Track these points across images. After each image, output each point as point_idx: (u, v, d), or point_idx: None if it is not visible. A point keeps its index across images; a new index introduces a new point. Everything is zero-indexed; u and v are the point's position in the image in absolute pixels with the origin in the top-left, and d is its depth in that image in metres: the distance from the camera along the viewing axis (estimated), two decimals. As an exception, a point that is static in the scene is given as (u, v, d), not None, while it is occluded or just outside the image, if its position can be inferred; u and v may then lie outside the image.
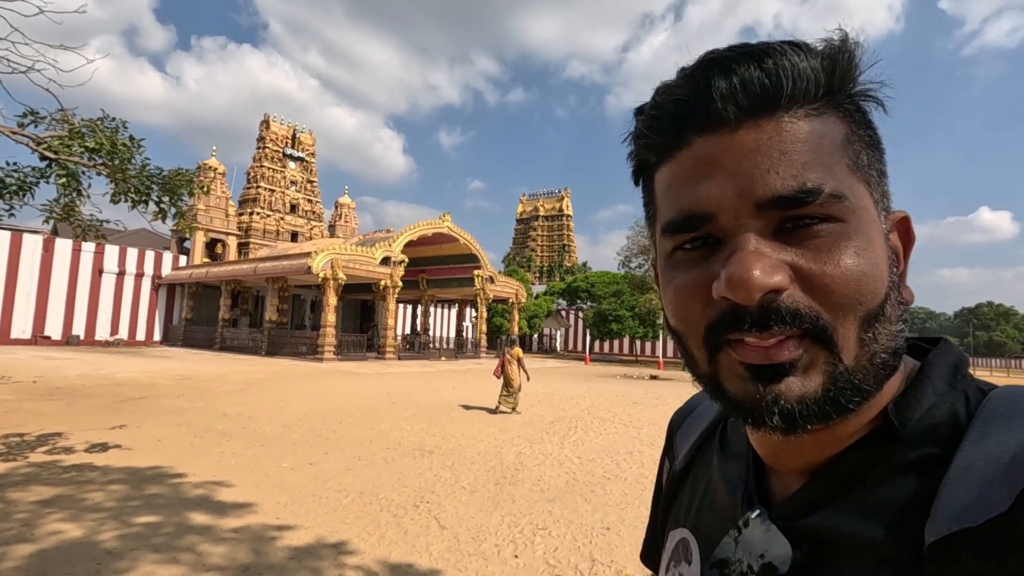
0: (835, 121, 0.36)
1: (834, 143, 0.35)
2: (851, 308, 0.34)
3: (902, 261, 0.40)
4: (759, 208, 0.34)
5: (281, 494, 4.76)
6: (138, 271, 31.32)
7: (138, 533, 3.70)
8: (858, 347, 0.34)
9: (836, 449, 0.38)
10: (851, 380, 0.35)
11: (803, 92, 0.35)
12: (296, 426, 8.06)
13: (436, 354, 30.65)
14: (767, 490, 0.43)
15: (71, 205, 4.80)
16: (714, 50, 0.37)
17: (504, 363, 10.42)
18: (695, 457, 0.54)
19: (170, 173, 4.79)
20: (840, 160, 0.35)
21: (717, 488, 0.47)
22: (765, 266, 0.34)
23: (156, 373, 15.54)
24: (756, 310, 0.34)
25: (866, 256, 0.34)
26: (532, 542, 3.88)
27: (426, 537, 3.90)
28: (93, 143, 4.27)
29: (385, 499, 4.75)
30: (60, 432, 6.94)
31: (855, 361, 0.35)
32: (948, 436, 0.35)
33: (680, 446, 0.57)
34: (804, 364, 0.34)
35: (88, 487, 4.66)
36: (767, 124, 0.35)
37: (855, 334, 0.34)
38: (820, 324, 0.34)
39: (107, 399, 10.20)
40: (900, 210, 0.41)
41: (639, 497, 5.04)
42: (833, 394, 0.34)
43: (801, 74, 0.35)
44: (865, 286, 0.34)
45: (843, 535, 0.35)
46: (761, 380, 0.35)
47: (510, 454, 6.67)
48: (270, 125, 39.00)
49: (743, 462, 0.45)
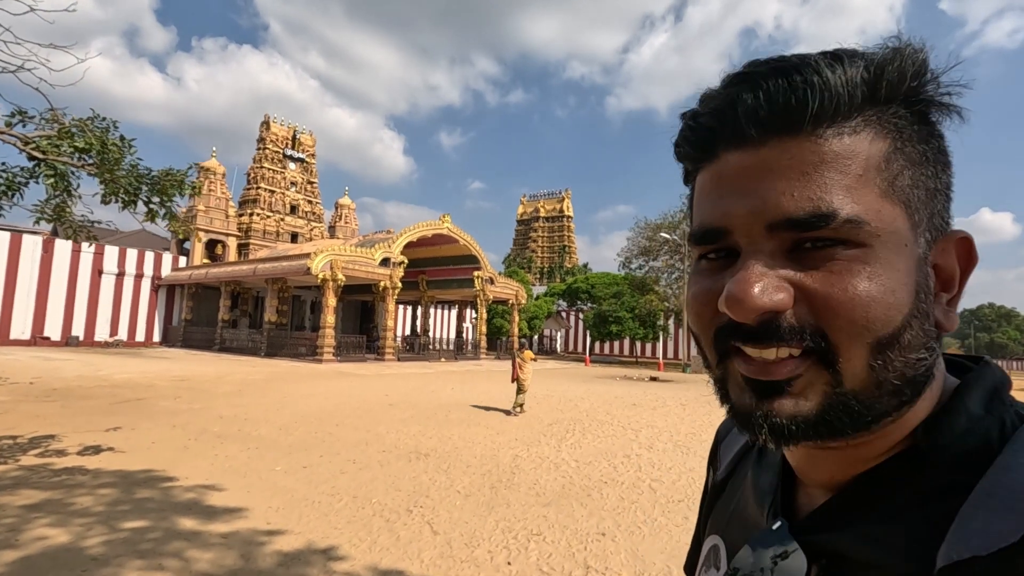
0: (873, 138, 0.35)
1: (866, 163, 0.34)
2: (858, 334, 0.33)
3: (956, 284, 0.38)
4: (771, 229, 0.35)
5: (273, 498, 4.70)
6: (138, 272, 31.31)
7: (125, 539, 3.64)
8: (865, 373, 0.34)
9: (862, 467, 0.38)
10: (848, 405, 0.35)
11: (832, 109, 0.34)
12: (292, 428, 8.01)
13: (436, 355, 30.60)
14: (794, 503, 0.43)
15: (62, 206, 4.75)
16: (752, 62, 0.37)
17: (517, 367, 10.73)
18: (736, 467, 0.55)
19: (160, 173, 4.73)
20: (870, 182, 0.34)
21: (748, 497, 0.48)
22: (765, 286, 0.34)
23: (154, 374, 15.49)
24: (756, 326, 0.35)
25: (881, 282, 0.33)
26: (526, 548, 3.82)
27: (418, 543, 3.84)
28: (83, 143, 4.22)
29: (378, 503, 4.69)
30: (54, 434, 6.89)
31: (859, 386, 0.34)
32: (977, 463, 0.34)
33: (724, 456, 0.58)
34: (801, 384, 0.35)
35: (78, 491, 4.61)
36: (791, 143, 0.35)
37: (863, 360, 0.34)
38: (823, 346, 0.34)
39: (103, 401, 10.16)
40: (959, 230, 0.38)
41: (635, 502, 4.98)
42: (828, 417, 0.35)
43: (831, 90, 0.34)
44: (874, 312, 0.33)
45: (860, 554, 0.36)
46: (757, 394, 0.36)
47: (506, 457, 6.62)
48: (270, 126, 39.00)
49: (774, 473, 0.46)
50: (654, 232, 33.69)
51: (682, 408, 12.22)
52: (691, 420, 10.36)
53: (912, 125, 0.36)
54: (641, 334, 35.68)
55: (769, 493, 0.45)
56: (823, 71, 0.34)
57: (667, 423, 9.85)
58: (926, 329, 0.36)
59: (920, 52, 0.35)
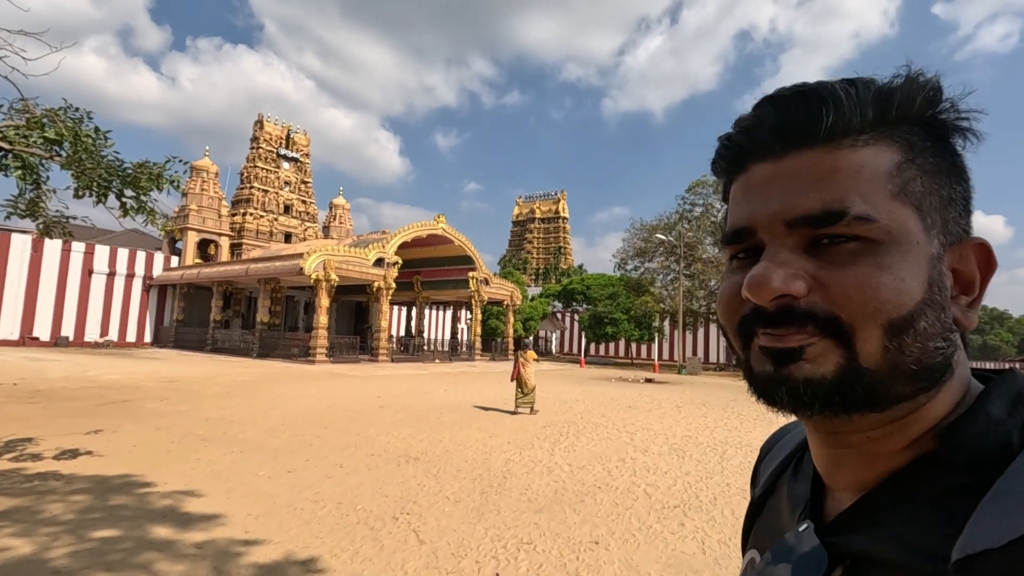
0: (884, 150, 0.39)
1: (877, 170, 0.38)
2: (869, 315, 0.36)
3: (976, 288, 0.41)
4: (789, 226, 0.39)
5: (254, 504, 4.52)
6: (129, 271, 30.97)
7: (93, 549, 3.45)
8: (881, 354, 0.36)
9: (884, 468, 0.40)
10: (864, 380, 0.37)
11: (845, 125, 0.38)
12: (280, 431, 7.82)
13: (430, 356, 30.39)
14: (823, 509, 0.45)
15: (35, 200, 4.54)
16: (780, 88, 0.42)
17: (519, 366, 10.87)
18: (774, 483, 0.55)
19: (133, 166, 4.51)
20: (882, 186, 0.38)
21: (783, 508, 0.49)
22: (783, 274, 0.38)
23: (142, 375, 15.24)
24: (774, 311, 0.38)
25: (890, 271, 0.36)
26: (515, 558, 3.66)
27: (403, 552, 3.67)
28: (53, 133, 4.03)
29: (364, 510, 4.52)
30: (31, 437, 6.68)
31: (874, 366, 0.37)
32: (996, 463, 0.35)
33: (763, 473, 0.59)
34: (815, 352, 0.37)
35: (48, 497, 4.42)
36: (809, 154, 0.39)
37: (878, 341, 0.36)
38: (838, 326, 0.37)
39: (88, 402, 9.93)
40: (977, 236, 0.42)
41: (630, 508, 4.83)
42: (842, 388, 0.37)
43: (844, 109, 0.38)
44: (882, 295, 0.36)
45: (882, 554, 0.37)
46: (775, 361, 0.39)
47: (498, 461, 6.45)
48: (264, 125, 38.72)
49: (806, 482, 0.47)
50: (650, 233, 33.61)
51: (678, 411, 12.09)
52: (687, 423, 10.22)
53: (924, 141, 0.40)
54: (636, 336, 35.57)
55: (801, 500, 0.46)
56: (837, 93, 0.39)
57: (662, 426, 9.71)
58: (942, 320, 0.38)
59: (929, 82, 0.39)
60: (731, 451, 7.50)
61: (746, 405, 13.74)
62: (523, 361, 10.90)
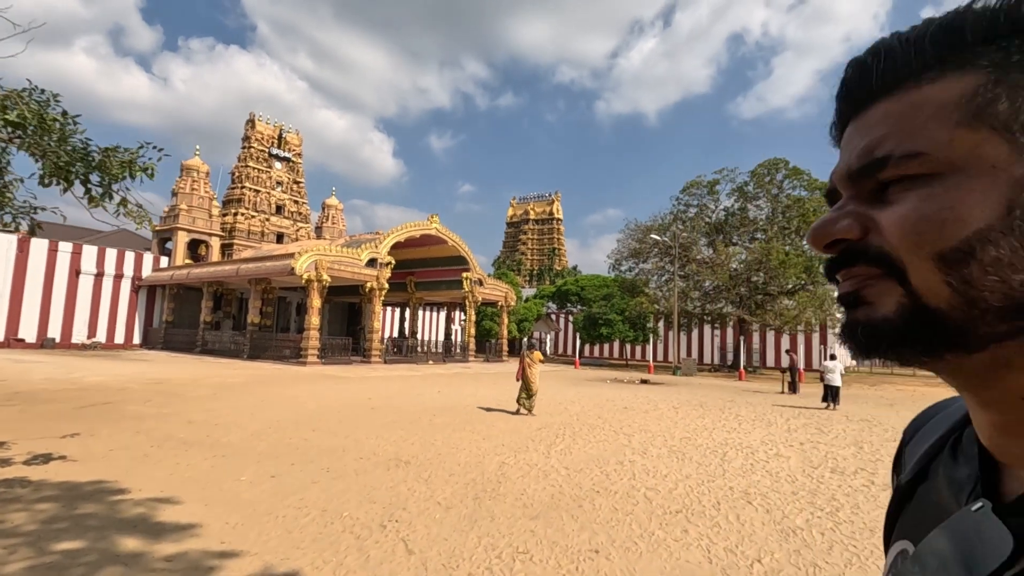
0: (954, 81, 0.36)
1: (940, 103, 0.36)
2: (912, 248, 0.35)
3: None
4: (850, 179, 0.39)
5: (232, 512, 4.26)
6: (117, 272, 30.47)
7: (52, 563, 3.19)
8: (945, 290, 0.34)
9: None
10: (933, 320, 0.35)
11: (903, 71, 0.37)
12: (265, 434, 7.54)
13: (423, 358, 30.10)
14: (998, 490, 0.40)
15: (0, 190, 4.26)
16: None
17: (524, 367, 10.77)
18: (926, 468, 0.50)
19: (101, 150, 4.23)
20: (945, 118, 0.35)
21: (942, 492, 0.45)
22: (833, 221, 0.39)
23: (128, 377, 14.89)
24: (837, 255, 0.40)
25: (936, 200, 0.35)
26: (511, 569, 3.43)
27: (390, 564, 3.43)
28: (15, 116, 3.76)
29: (350, 518, 4.27)
30: (3, 442, 6.37)
31: (944, 304, 0.34)
32: None
33: (909, 458, 0.54)
34: (873, 293, 0.37)
35: (12, 506, 4.13)
36: (872, 109, 0.39)
37: (933, 275, 0.35)
38: (891, 262, 0.36)
39: (68, 405, 9.61)
40: None
41: (630, 513, 4.60)
42: (909, 328, 0.36)
43: (890, 57, 0.38)
44: (924, 226, 0.34)
45: None
46: (846, 307, 0.40)
47: (492, 464, 6.21)
48: (256, 124, 38.29)
49: (973, 464, 0.43)
50: (644, 234, 33.47)
51: (675, 412, 11.89)
52: (684, 424, 10.02)
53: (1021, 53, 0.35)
54: (631, 336, 35.41)
55: (968, 483, 0.42)
56: (890, 41, 0.38)
57: (660, 427, 9.50)
58: None
59: None
60: (731, 453, 7.30)
61: (743, 406, 13.56)
62: (529, 362, 10.81)
